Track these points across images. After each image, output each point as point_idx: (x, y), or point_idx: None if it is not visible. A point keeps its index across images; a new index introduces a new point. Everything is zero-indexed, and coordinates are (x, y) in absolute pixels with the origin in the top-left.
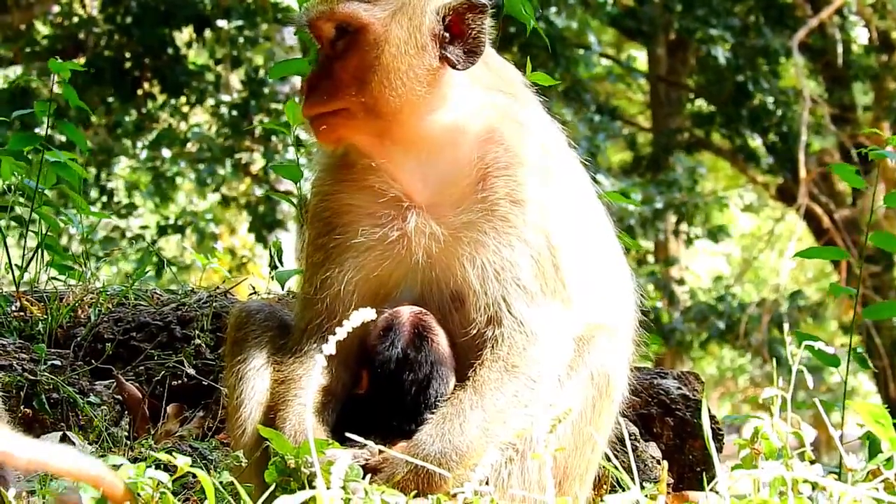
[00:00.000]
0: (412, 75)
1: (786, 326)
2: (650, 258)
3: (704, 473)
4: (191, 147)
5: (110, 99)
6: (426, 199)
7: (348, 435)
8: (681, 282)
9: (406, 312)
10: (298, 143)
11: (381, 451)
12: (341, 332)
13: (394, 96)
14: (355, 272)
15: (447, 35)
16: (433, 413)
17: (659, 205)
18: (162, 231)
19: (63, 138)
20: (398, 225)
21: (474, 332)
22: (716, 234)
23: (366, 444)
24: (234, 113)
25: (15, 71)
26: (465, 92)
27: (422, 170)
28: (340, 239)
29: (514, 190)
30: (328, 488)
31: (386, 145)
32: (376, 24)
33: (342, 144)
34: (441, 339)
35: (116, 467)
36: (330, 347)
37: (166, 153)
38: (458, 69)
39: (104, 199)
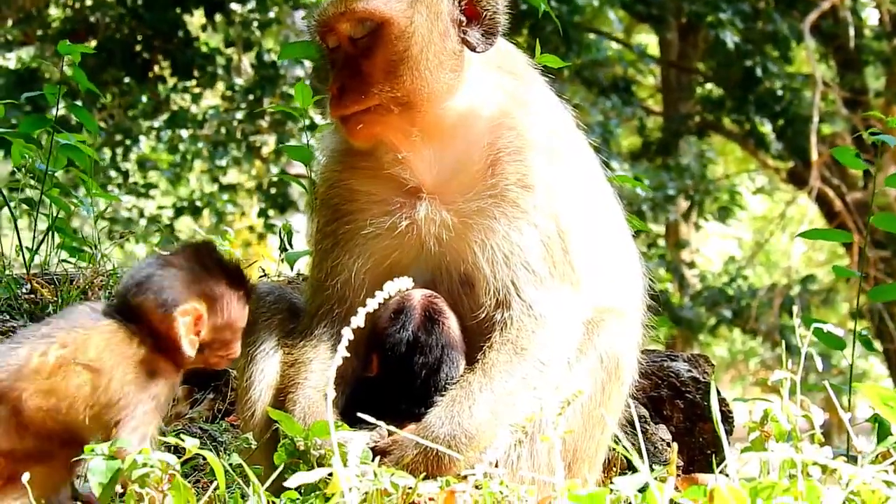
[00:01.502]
0: (438, 63)
1: (795, 309)
2: (661, 241)
3: (714, 456)
4: (207, 130)
5: (126, 80)
6: (436, 186)
7: (360, 415)
8: (691, 265)
9: (417, 296)
10: (311, 127)
11: (390, 434)
12: (372, 304)
13: (424, 86)
14: (365, 259)
15: (464, 18)
16: (443, 396)
17: (671, 191)
18: (179, 212)
19: (76, 120)
20: (408, 213)
21: (484, 315)
22: (728, 210)
23: (376, 426)
24: (250, 97)
25: (28, 52)
26: (479, 74)
27: (434, 156)
28: (350, 227)
29: (525, 175)
30: (345, 466)
31: (412, 136)
32: (399, 16)
33: (376, 140)
34: (452, 323)
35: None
36: (360, 319)
37: (184, 134)
38: (477, 51)
39: (120, 180)
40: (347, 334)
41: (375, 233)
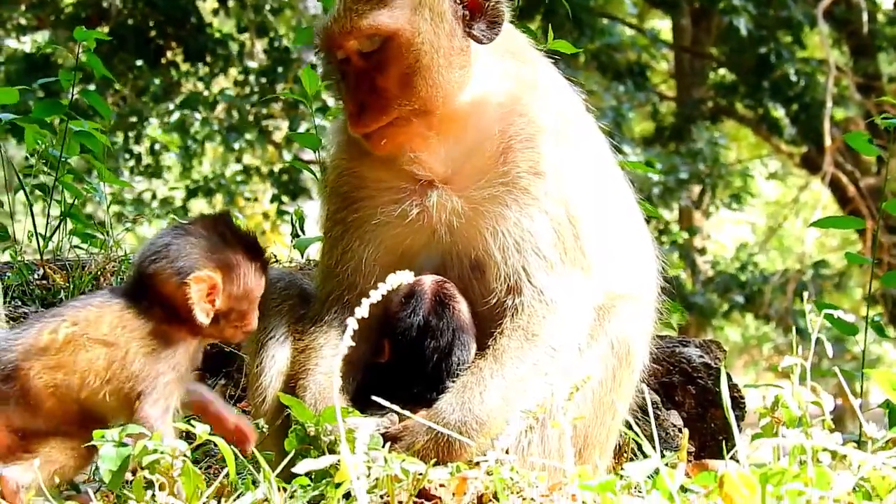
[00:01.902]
0: (448, 64)
1: (805, 295)
2: (673, 227)
3: (726, 442)
4: (219, 112)
5: (138, 62)
6: (447, 174)
7: (374, 398)
8: (702, 251)
9: (428, 280)
10: (322, 110)
11: (401, 419)
12: (376, 295)
13: (438, 91)
14: (375, 246)
15: (466, 13)
16: (455, 380)
17: (684, 175)
18: (191, 194)
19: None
20: (418, 200)
21: (495, 301)
22: (739, 197)
23: (388, 411)
24: (263, 80)
25: (42, 36)
26: (486, 64)
27: (445, 145)
28: (359, 214)
29: (536, 162)
30: (353, 453)
31: (429, 138)
32: (405, 27)
33: (400, 149)
34: (462, 307)
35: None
36: (364, 310)
37: (197, 116)
38: (483, 43)
39: (132, 163)
40: (352, 324)
41: (385, 220)
